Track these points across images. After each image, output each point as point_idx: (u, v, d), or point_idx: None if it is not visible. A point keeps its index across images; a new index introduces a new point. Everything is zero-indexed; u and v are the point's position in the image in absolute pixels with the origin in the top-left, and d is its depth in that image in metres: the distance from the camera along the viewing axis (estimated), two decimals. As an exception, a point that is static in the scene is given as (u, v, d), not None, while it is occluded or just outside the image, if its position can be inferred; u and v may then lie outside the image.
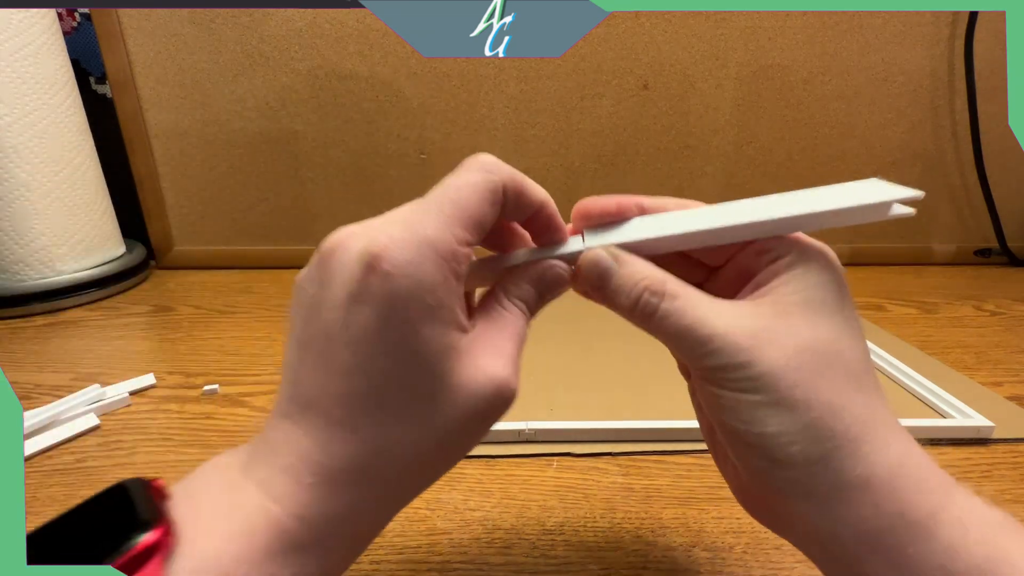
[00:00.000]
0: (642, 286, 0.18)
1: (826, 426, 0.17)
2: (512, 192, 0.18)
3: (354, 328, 0.15)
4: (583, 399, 0.41)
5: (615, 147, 0.71)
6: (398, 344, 0.15)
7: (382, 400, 0.16)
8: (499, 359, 0.17)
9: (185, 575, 0.14)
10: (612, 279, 0.19)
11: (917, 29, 0.67)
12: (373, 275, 0.15)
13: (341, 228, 0.16)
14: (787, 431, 0.17)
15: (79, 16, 0.66)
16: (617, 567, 0.27)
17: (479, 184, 0.17)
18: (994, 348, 0.51)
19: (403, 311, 0.15)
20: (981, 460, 0.35)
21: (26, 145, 0.55)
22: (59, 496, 0.32)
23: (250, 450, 0.17)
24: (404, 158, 0.70)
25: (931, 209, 0.75)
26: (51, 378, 0.45)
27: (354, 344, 0.15)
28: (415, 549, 0.28)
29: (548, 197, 0.19)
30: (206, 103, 0.67)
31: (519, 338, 0.18)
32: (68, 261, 0.60)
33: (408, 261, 0.15)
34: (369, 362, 0.15)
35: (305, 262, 0.17)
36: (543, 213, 0.19)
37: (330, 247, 0.16)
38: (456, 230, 0.16)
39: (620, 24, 0.66)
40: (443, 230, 0.16)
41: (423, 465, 0.17)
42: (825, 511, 0.17)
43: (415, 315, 0.15)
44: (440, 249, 0.16)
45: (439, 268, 0.16)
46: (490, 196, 0.17)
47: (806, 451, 0.17)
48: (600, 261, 0.19)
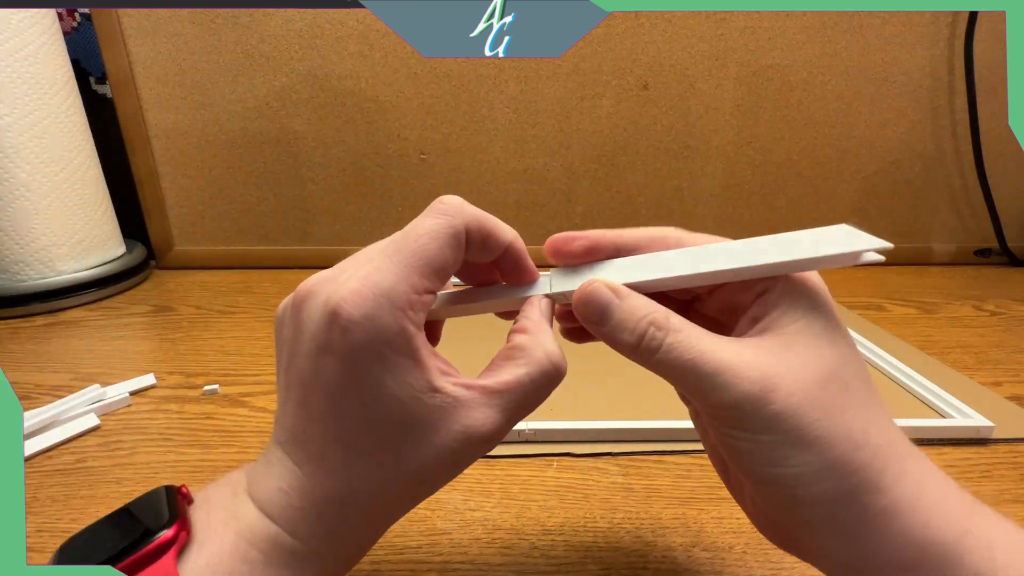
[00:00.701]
0: (646, 321, 0.18)
1: (849, 461, 0.16)
2: (477, 234, 0.18)
3: (323, 377, 0.16)
4: (583, 399, 0.41)
5: (615, 147, 0.71)
6: (362, 391, 0.16)
7: (352, 442, 0.16)
8: (484, 410, 0.17)
9: (195, 570, 0.15)
10: (614, 314, 0.18)
11: (917, 29, 0.67)
12: (334, 328, 0.16)
13: (316, 274, 0.18)
14: (810, 471, 0.16)
15: (79, 16, 0.66)
16: (617, 567, 0.27)
17: (440, 231, 0.17)
18: (994, 348, 0.51)
19: (363, 362, 0.16)
20: (981, 460, 0.35)
21: (26, 145, 0.55)
22: (59, 496, 0.32)
23: (254, 468, 0.18)
24: (404, 158, 0.70)
25: (931, 209, 0.75)
26: (51, 378, 0.45)
27: (325, 391, 0.16)
28: (415, 549, 0.28)
29: (515, 237, 0.19)
30: (206, 103, 0.67)
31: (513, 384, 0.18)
32: (68, 261, 0.60)
33: (364, 315, 0.16)
34: (339, 408, 0.16)
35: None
36: (510, 253, 0.19)
37: (304, 293, 0.17)
38: (414, 279, 0.17)
39: (620, 24, 0.66)
40: (400, 281, 0.16)
41: (399, 499, 0.18)
42: (853, 545, 0.16)
43: (375, 366, 0.16)
44: (396, 301, 0.16)
45: (395, 319, 0.16)
46: (451, 241, 0.17)
47: (831, 489, 0.16)
48: (600, 295, 0.19)
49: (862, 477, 0.16)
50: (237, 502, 0.17)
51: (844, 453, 0.16)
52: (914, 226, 0.76)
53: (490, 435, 0.17)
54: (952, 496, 0.17)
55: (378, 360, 0.16)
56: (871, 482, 0.16)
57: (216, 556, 0.16)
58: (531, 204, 0.73)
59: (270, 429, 0.38)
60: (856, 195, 0.74)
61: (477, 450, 0.18)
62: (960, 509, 0.17)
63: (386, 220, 0.73)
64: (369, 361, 0.16)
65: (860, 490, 0.16)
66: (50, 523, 0.30)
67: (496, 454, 0.35)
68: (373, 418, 0.16)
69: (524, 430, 0.36)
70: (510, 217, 0.73)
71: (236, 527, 0.16)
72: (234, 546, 0.16)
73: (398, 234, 0.18)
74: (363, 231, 0.73)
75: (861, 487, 0.16)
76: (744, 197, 0.74)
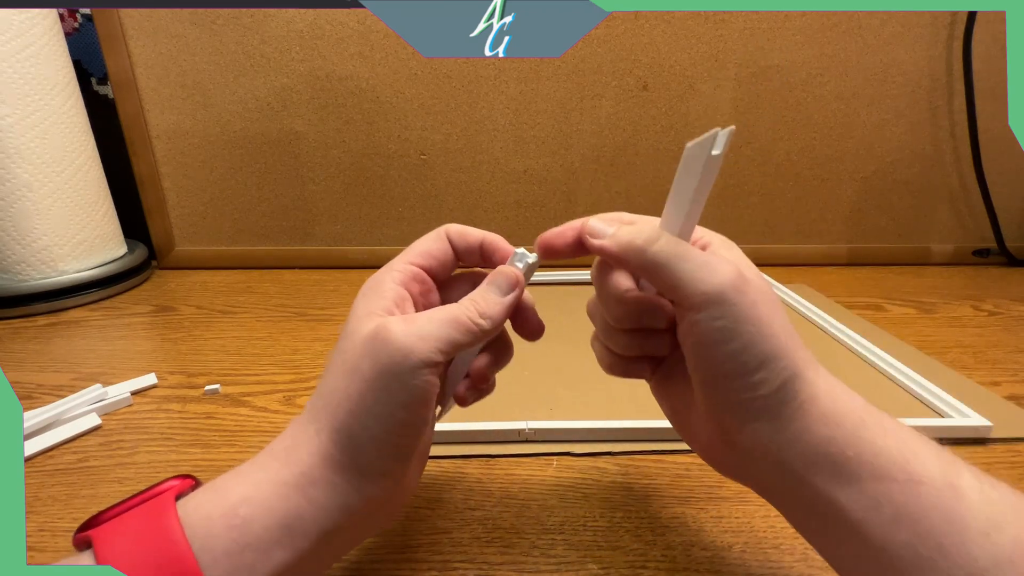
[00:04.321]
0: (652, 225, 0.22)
1: (789, 351, 0.20)
2: (455, 232, 0.26)
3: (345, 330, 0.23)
4: (583, 399, 0.41)
5: (615, 147, 0.71)
6: (352, 316, 0.23)
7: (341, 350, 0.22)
8: (389, 318, 0.22)
9: (194, 503, 0.19)
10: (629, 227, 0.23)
11: (916, 29, 0.67)
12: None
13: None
14: (760, 350, 0.19)
15: (81, 17, 0.66)
16: (616, 566, 0.27)
17: (429, 235, 0.26)
18: (992, 348, 0.51)
19: (358, 300, 0.23)
20: (979, 459, 0.35)
21: (28, 146, 0.55)
22: (61, 496, 0.32)
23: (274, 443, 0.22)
24: (404, 158, 0.71)
25: (930, 209, 0.76)
26: (53, 378, 0.45)
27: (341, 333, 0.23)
28: (415, 548, 0.28)
29: (485, 234, 0.26)
30: (207, 104, 0.67)
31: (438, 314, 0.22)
32: (70, 261, 0.60)
33: (373, 278, 0.24)
34: (341, 340, 0.22)
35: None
36: (485, 246, 0.26)
37: None
38: (409, 256, 0.25)
39: (620, 24, 0.66)
40: (398, 262, 0.25)
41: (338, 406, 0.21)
42: (780, 430, 0.20)
43: (361, 298, 0.23)
44: (393, 267, 0.24)
45: (387, 273, 0.24)
46: (434, 236, 0.26)
47: (770, 377, 0.20)
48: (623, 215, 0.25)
49: (796, 369, 0.20)
50: (252, 462, 0.21)
51: (786, 342, 0.20)
52: (913, 226, 0.76)
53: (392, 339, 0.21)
54: (852, 393, 0.21)
55: (364, 295, 0.23)
56: (800, 374, 0.20)
57: (211, 489, 0.20)
58: (531, 204, 0.73)
59: (271, 429, 0.38)
60: (855, 195, 0.74)
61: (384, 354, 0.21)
62: (859, 400, 0.21)
63: (386, 220, 0.73)
64: (360, 297, 0.23)
65: (794, 379, 0.20)
66: (51, 523, 0.30)
67: (496, 454, 0.35)
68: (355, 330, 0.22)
69: (524, 430, 0.36)
70: (510, 217, 0.73)
71: (239, 469, 0.21)
72: (236, 487, 0.20)
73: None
74: (363, 231, 0.73)
75: (795, 377, 0.20)
76: (744, 197, 0.74)
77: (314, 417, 0.21)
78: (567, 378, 0.43)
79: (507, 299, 0.24)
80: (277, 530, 0.19)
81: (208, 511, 0.19)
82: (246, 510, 0.19)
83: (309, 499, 0.20)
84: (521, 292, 0.24)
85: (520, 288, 0.24)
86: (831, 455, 0.19)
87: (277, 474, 0.20)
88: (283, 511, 0.19)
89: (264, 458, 0.21)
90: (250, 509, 0.19)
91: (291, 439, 0.21)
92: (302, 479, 0.20)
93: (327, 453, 0.20)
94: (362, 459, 0.20)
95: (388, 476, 0.21)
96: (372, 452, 0.21)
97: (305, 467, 0.20)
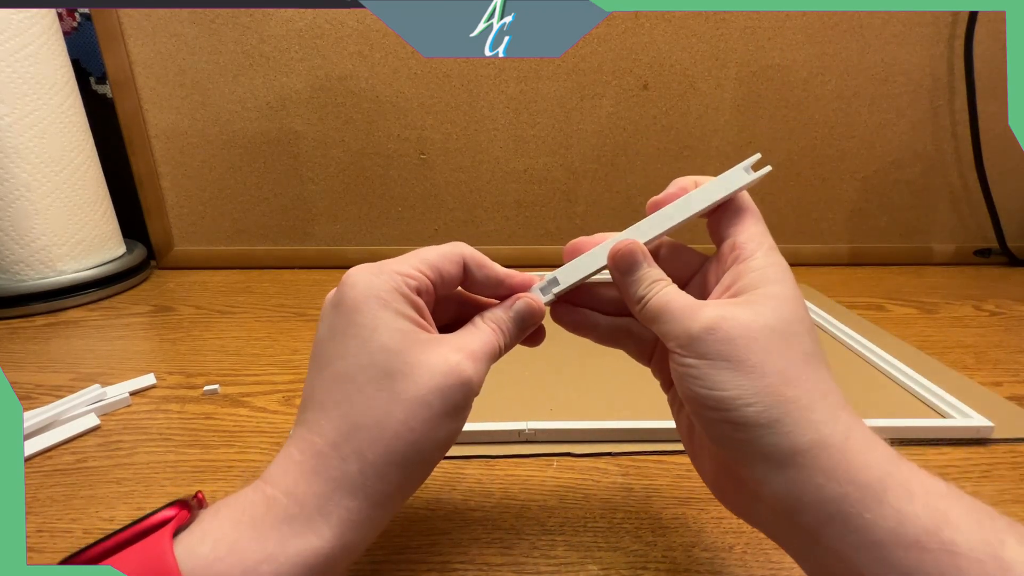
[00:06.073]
0: (654, 279, 0.23)
1: (778, 392, 0.19)
2: (472, 260, 0.24)
3: (332, 326, 0.21)
4: (583, 399, 0.41)
5: (615, 147, 0.71)
6: (360, 329, 0.20)
7: (351, 377, 0.20)
8: (458, 352, 0.21)
9: (190, 540, 0.18)
10: (639, 270, 0.23)
11: (917, 29, 0.67)
12: (343, 287, 0.21)
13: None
14: (743, 394, 0.19)
15: (79, 16, 0.66)
16: (617, 567, 0.27)
17: (443, 247, 0.23)
18: (994, 348, 0.51)
19: (361, 307, 0.20)
20: (981, 460, 0.35)
21: (26, 145, 0.55)
22: (59, 496, 0.32)
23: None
24: (404, 158, 0.70)
25: (931, 209, 0.75)
26: (51, 378, 0.45)
27: (331, 338, 0.21)
28: (415, 549, 0.28)
29: (511, 275, 0.25)
30: (206, 103, 0.67)
31: (484, 344, 0.22)
32: (68, 261, 0.60)
33: (364, 275, 0.21)
34: (341, 350, 0.20)
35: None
36: (506, 286, 0.25)
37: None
38: (414, 262, 0.22)
39: (620, 24, 0.66)
40: (403, 263, 0.22)
41: (395, 436, 0.19)
42: (782, 475, 0.18)
43: (373, 308, 0.20)
44: (397, 271, 0.21)
45: (391, 279, 0.21)
46: (448, 252, 0.23)
47: (760, 413, 0.18)
48: (635, 254, 0.24)
49: (788, 408, 0.18)
50: (243, 490, 0.20)
51: (773, 384, 0.19)
52: (914, 226, 0.76)
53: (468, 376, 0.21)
54: (877, 445, 0.19)
55: (374, 304, 0.20)
56: (797, 416, 0.18)
57: (208, 524, 0.18)
58: (531, 204, 0.73)
59: (270, 429, 0.38)
60: (856, 195, 0.74)
61: (460, 389, 0.20)
62: (883, 455, 0.18)
63: (386, 220, 0.73)
64: (366, 306, 0.20)
65: (787, 420, 0.18)
66: (50, 523, 0.30)
67: (496, 454, 0.35)
68: (370, 351, 0.20)
69: (524, 430, 0.36)
70: (510, 217, 0.73)
71: (233, 502, 0.19)
72: (227, 515, 0.18)
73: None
74: (363, 231, 0.73)
75: (788, 418, 0.18)
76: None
77: (344, 457, 0.19)
78: (567, 378, 0.43)
79: (527, 333, 0.25)
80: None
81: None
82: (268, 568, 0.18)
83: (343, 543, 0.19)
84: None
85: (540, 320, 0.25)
86: (845, 514, 0.17)
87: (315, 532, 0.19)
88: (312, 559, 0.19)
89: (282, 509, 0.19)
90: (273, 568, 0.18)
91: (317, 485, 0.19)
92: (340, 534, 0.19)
93: (371, 492, 0.19)
94: (407, 488, 0.21)
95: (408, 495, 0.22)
96: (417, 477, 0.21)
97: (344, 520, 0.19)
